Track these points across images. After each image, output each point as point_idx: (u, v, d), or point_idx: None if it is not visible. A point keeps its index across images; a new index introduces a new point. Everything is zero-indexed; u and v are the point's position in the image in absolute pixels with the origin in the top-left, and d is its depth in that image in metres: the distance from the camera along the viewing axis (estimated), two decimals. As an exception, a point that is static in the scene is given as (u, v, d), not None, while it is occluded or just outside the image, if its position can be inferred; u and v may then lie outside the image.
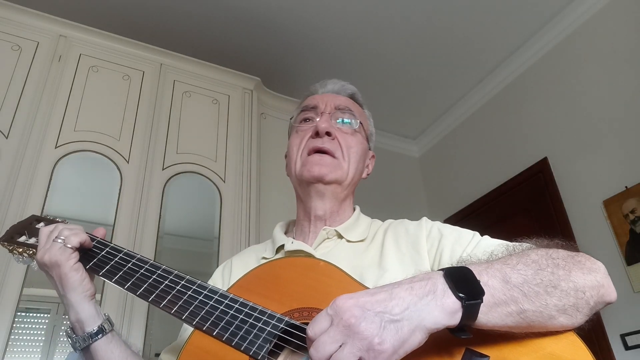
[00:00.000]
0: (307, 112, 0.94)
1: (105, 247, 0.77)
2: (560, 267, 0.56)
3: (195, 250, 2.26)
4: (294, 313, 0.64)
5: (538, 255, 0.57)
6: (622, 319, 2.05)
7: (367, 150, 0.97)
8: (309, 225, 0.89)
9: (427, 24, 2.64)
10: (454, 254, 0.72)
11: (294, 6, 2.50)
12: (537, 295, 0.52)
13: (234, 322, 0.63)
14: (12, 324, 1.57)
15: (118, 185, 1.96)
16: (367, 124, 0.98)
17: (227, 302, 0.66)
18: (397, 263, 0.76)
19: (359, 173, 0.92)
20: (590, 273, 0.58)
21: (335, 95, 0.96)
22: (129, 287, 0.70)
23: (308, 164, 0.86)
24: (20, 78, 1.96)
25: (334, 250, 0.84)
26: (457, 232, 0.77)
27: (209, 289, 0.68)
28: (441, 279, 0.51)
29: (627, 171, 2.14)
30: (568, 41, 2.58)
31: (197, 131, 2.26)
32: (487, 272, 0.53)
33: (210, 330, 0.62)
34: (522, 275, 0.53)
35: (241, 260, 0.92)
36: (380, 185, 3.29)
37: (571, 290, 0.55)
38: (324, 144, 0.87)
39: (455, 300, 0.49)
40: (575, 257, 0.60)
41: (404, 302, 0.49)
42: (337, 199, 0.89)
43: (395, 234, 0.83)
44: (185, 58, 2.40)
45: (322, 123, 0.88)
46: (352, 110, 0.93)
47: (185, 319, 0.65)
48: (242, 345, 0.60)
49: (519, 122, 2.81)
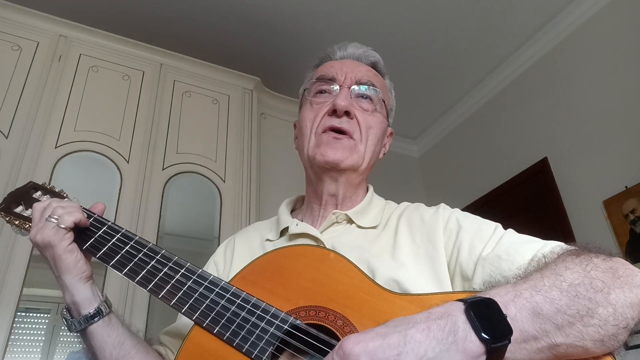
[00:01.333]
0: (323, 83, 0.83)
1: (103, 226, 0.72)
2: (598, 290, 0.49)
3: (195, 250, 2.26)
4: (299, 311, 0.60)
5: (574, 273, 0.50)
6: (622, 319, 2.05)
7: (386, 128, 0.87)
8: (320, 208, 0.82)
9: (427, 24, 2.64)
10: (473, 250, 0.66)
11: (294, 6, 2.50)
12: (572, 326, 0.46)
13: (235, 320, 0.60)
14: (12, 324, 1.57)
15: (118, 185, 1.96)
16: (388, 98, 0.88)
17: (228, 297, 0.62)
18: (410, 255, 0.70)
19: (376, 155, 0.85)
20: (631, 290, 0.51)
21: (356, 64, 0.85)
22: (127, 273, 0.67)
23: (322, 145, 0.78)
24: (20, 78, 1.96)
25: (342, 235, 0.77)
26: (477, 225, 0.70)
27: (210, 280, 0.65)
28: (462, 317, 0.44)
29: (627, 171, 2.14)
30: (568, 41, 2.58)
31: (197, 131, 2.26)
32: (515, 303, 0.47)
33: (210, 328, 0.60)
34: (555, 305, 0.47)
35: (245, 240, 0.87)
36: (380, 185, 3.28)
37: (610, 317, 0.48)
38: (341, 124, 0.78)
39: (479, 344, 0.43)
40: (616, 271, 0.52)
41: (421, 347, 0.43)
42: (352, 185, 0.82)
43: (409, 221, 0.76)
44: (185, 58, 2.40)
45: (341, 100, 0.78)
46: (374, 85, 0.83)
47: (185, 313, 0.62)
48: (244, 347, 0.57)
49: (519, 122, 2.81)
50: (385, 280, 0.63)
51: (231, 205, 2.15)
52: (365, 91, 0.82)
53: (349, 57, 0.87)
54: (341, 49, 0.88)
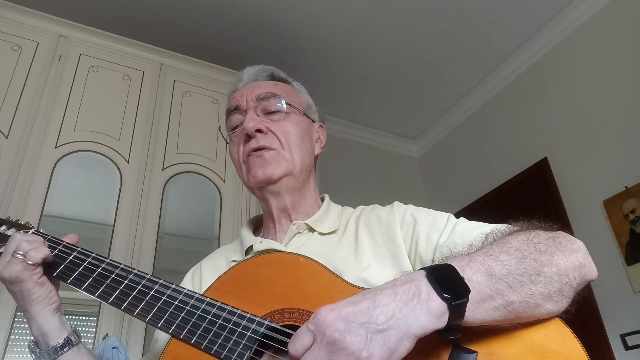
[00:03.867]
0: (232, 116, 0.86)
1: (73, 252, 0.72)
2: (542, 252, 0.55)
3: (195, 250, 2.26)
4: (274, 315, 0.61)
5: (519, 241, 0.56)
6: (622, 319, 2.05)
7: (309, 125, 0.89)
8: (274, 225, 0.85)
9: (427, 24, 2.64)
10: (430, 241, 0.69)
11: (294, 6, 2.50)
12: (522, 285, 0.51)
13: (211, 329, 0.60)
14: (12, 324, 1.57)
15: (118, 185, 1.96)
16: (299, 98, 0.91)
17: (203, 307, 0.63)
18: (373, 255, 0.73)
19: (309, 154, 0.86)
20: (571, 254, 0.57)
21: (254, 85, 0.87)
22: (100, 295, 0.67)
23: (251, 168, 0.81)
24: (20, 78, 1.96)
25: (305, 244, 0.80)
26: (432, 217, 0.74)
27: (184, 293, 0.65)
28: (424, 280, 0.49)
29: (627, 171, 2.14)
30: (568, 41, 2.58)
31: (197, 131, 2.26)
32: (470, 267, 0.51)
33: (187, 339, 0.60)
34: (505, 266, 0.52)
35: (211, 263, 0.88)
36: (380, 185, 3.29)
37: (555, 275, 0.54)
38: (258, 142, 0.81)
39: (441, 302, 0.47)
40: (556, 238, 0.59)
41: (389, 309, 0.47)
42: (295, 190, 0.84)
43: (368, 223, 0.79)
44: (185, 58, 2.40)
45: (248, 123, 0.81)
46: (275, 93, 0.85)
47: (161, 327, 0.62)
48: (222, 353, 0.58)
49: (519, 122, 2.81)
50: (353, 280, 0.65)
51: (231, 205, 2.15)
52: (268, 102, 0.84)
53: (248, 81, 0.90)
54: (239, 78, 0.91)
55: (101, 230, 1.90)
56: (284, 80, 0.93)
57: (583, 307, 2.17)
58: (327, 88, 3.03)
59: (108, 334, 1.69)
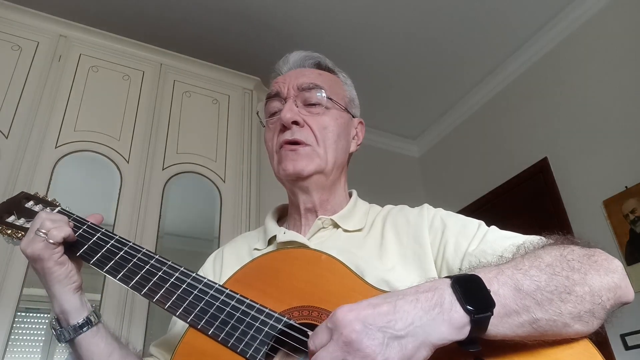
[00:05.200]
0: (271, 101, 0.85)
1: (97, 233, 0.73)
2: (575, 270, 0.52)
3: (195, 250, 2.26)
4: (293, 312, 0.61)
5: (552, 257, 0.53)
6: (622, 319, 2.03)
7: (348, 121, 0.87)
8: (300, 218, 0.84)
9: (427, 24, 2.64)
10: (459, 247, 0.68)
11: (293, 7, 2.50)
12: (551, 302, 0.49)
13: (229, 322, 0.60)
14: (12, 324, 1.57)
15: (118, 185, 1.96)
16: (342, 90, 0.89)
17: (222, 299, 0.63)
18: (398, 257, 0.72)
19: (343, 151, 0.85)
20: (607, 274, 0.55)
21: (298, 72, 0.86)
22: (121, 278, 0.67)
23: (282, 160, 0.80)
24: (20, 78, 1.96)
25: (329, 240, 0.79)
26: (462, 223, 0.73)
27: (204, 282, 0.65)
28: (448, 290, 0.48)
29: (627, 171, 2.14)
30: (568, 41, 2.58)
31: (197, 131, 2.26)
32: (498, 280, 0.49)
33: (205, 330, 0.60)
34: (535, 282, 0.50)
35: (233, 249, 0.88)
36: (380, 185, 3.29)
37: (587, 295, 0.51)
38: (293, 135, 0.79)
39: (463, 314, 0.46)
40: (592, 256, 0.56)
41: (409, 316, 0.46)
42: (325, 188, 0.83)
43: (395, 223, 0.78)
44: (185, 58, 2.40)
45: (285, 113, 0.79)
46: (318, 85, 0.83)
47: (179, 315, 0.62)
48: (238, 347, 0.58)
49: (519, 122, 2.81)
50: (375, 281, 0.64)
51: (231, 205, 2.15)
52: (310, 93, 0.82)
53: (294, 67, 0.88)
54: (285, 62, 0.89)
55: (101, 230, 1.90)
56: (330, 69, 0.90)
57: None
58: (327, 88, 3.02)
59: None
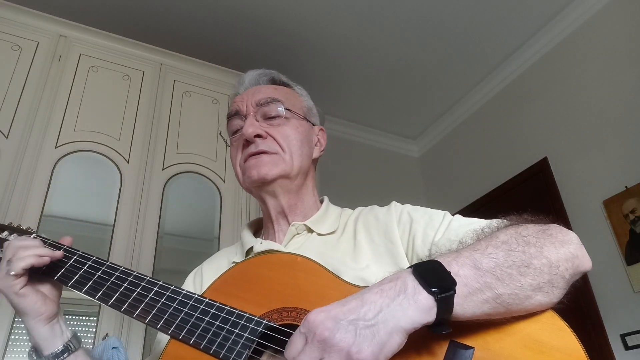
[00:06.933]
0: (232, 120, 0.87)
1: (73, 256, 0.73)
2: (531, 244, 0.55)
3: (195, 250, 2.26)
4: (273, 314, 0.62)
5: (507, 234, 0.56)
6: (622, 319, 2.05)
7: (309, 129, 0.90)
8: (272, 225, 0.86)
9: (427, 24, 2.64)
10: (426, 238, 0.70)
11: (293, 7, 2.50)
12: (511, 277, 0.52)
13: (210, 329, 0.61)
14: (12, 324, 1.57)
15: (118, 185, 1.96)
16: (299, 101, 0.91)
17: (202, 308, 0.64)
18: (372, 255, 0.74)
19: (307, 157, 0.87)
20: (562, 245, 0.57)
21: (255, 90, 0.88)
22: (100, 297, 0.67)
23: (246, 170, 0.83)
24: (20, 78, 1.96)
25: (305, 245, 0.81)
26: (428, 215, 0.76)
27: (183, 294, 0.66)
28: (410, 277, 0.50)
29: (627, 171, 2.14)
30: (568, 41, 2.58)
31: (197, 131, 2.26)
32: (457, 262, 0.52)
33: (186, 339, 0.61)
34: (493, 259, 0.52)
35: (213, 264, 0.89)
36: (380, 185, 3.29)
37: (545, 267, 0.54)
38: (257, 147, 0.82)
39: (427, 295, 0.48)
40: (546, 230, 0.59)
41: (376, 305, 0.48)
42: (291, 192, 0.85)
43: (366, 223, 0.80)
44: (185, 58, 2.40)
45: (247, 128, 0.82)
46: (275, 98, 0.86)
47: (160, 328, 0.63)
48: (220, 352, 0.58)
49: (519, 122, 2.81)
50: (352, 280, 0.65)
51: (231, 205, 2.15)
52: (268, 107, 0.85)
53: (249, 85, 0.91)
54: (241, 82, 0.92)
55: (101, 230, 1.90)
56: (284, 84, 0.93)
57: (583, 307, 2.17)
58: (327, 88, 3.03)
59: (108, 334, 1.69)
